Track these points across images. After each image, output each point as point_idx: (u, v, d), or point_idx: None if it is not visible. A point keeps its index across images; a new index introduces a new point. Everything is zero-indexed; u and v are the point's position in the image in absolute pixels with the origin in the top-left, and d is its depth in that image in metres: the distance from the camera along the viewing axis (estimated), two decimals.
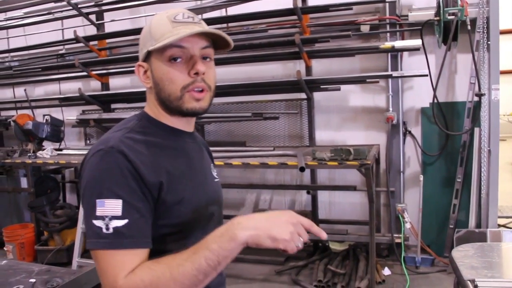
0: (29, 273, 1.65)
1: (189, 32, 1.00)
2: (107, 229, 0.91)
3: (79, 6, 4.59)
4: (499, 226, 4.02)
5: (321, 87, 4.01)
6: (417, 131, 4.09)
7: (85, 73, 4.74)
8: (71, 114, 5.10)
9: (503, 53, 3.84)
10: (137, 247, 0.93)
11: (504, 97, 4.32)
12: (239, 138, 4.54)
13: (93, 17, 4.80)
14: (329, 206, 4.47)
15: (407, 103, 4.10)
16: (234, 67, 4.35)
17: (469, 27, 3.55)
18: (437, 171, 4.03)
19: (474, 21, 3.62)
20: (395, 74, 3.83)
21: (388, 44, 3.71)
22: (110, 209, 0.92)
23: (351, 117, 4.26)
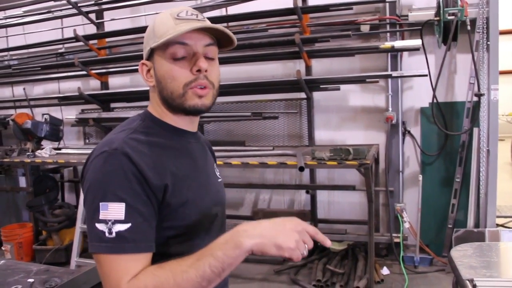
0: (27, 273, 1.65)
1: (189, 28, 0.98)
2: (110, 233, 0.90)
3: (78, 5, 4.58)
4: (498, 225, 4.03)
5: (321, 86, 4.01)
6: (416, 131, 4.09)
7: (84, 72, 4.73)
8: (70, 113, 5.11)
9: (502, 53, 3.85)
10: (140, 251, 0.92)
11: (503, 97, 4.34)
12: (238, 137, 4.53)
13: (93, 16, 4.79)
14: (328, 205, 4.46)
15: (406, 103, 4.10)
16: (234, 66, 4.34)
17: (469, 27, 3.55)
18: (436, 171, 4.03)
19: (474, 21, 3.62)
20: (394, 74, 3.83)
21: (388, 44, 3.71)
22: (113, 213, 0.91)
23: (350, 116, 4.26)
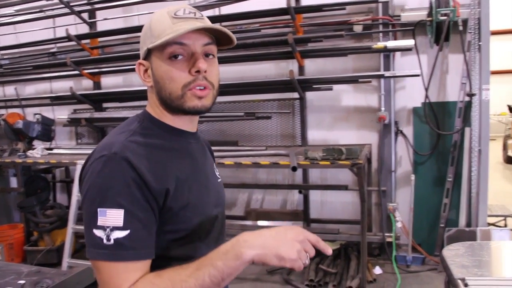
0: (18, 274, 1.63)
1: (189, 28, 0.95)
2: (108, 240, 0.88)
3: (71, 4, 4.55)
4: (489, 224, 4.06)
5: (314, 86, 4.02)
6: (408, 130, 4.11)
7: (76, 72, 4.70)
8: (62, 113, 5.08)
9: (493, 53, 3.89)
10: (140, 259, 0.90)
11: (495, 97, 4.37)
12: (231, 137, 4.53)
13: (85, 15, 4.77)
14: (321, 205, 4.47)
15: (399, 103, 4.12)
16: (227, 66, 4.33)
17: (460, 28, 3.59)
18: (428, 171, 4.06)
19: (465, 22, 3.66)
20: (387, 74, 3.85)
21: (380, 44, 3.73)
22: (112, 219, 0.88)
23: (343, 116, 4.28)
